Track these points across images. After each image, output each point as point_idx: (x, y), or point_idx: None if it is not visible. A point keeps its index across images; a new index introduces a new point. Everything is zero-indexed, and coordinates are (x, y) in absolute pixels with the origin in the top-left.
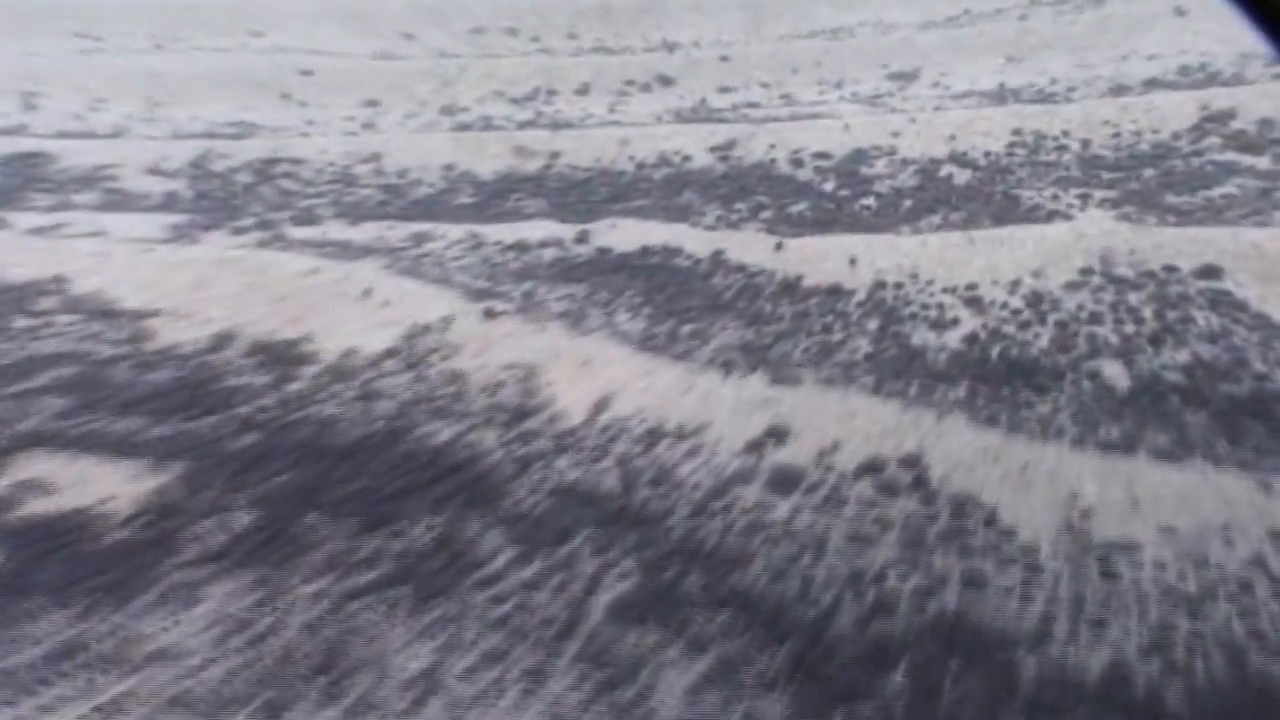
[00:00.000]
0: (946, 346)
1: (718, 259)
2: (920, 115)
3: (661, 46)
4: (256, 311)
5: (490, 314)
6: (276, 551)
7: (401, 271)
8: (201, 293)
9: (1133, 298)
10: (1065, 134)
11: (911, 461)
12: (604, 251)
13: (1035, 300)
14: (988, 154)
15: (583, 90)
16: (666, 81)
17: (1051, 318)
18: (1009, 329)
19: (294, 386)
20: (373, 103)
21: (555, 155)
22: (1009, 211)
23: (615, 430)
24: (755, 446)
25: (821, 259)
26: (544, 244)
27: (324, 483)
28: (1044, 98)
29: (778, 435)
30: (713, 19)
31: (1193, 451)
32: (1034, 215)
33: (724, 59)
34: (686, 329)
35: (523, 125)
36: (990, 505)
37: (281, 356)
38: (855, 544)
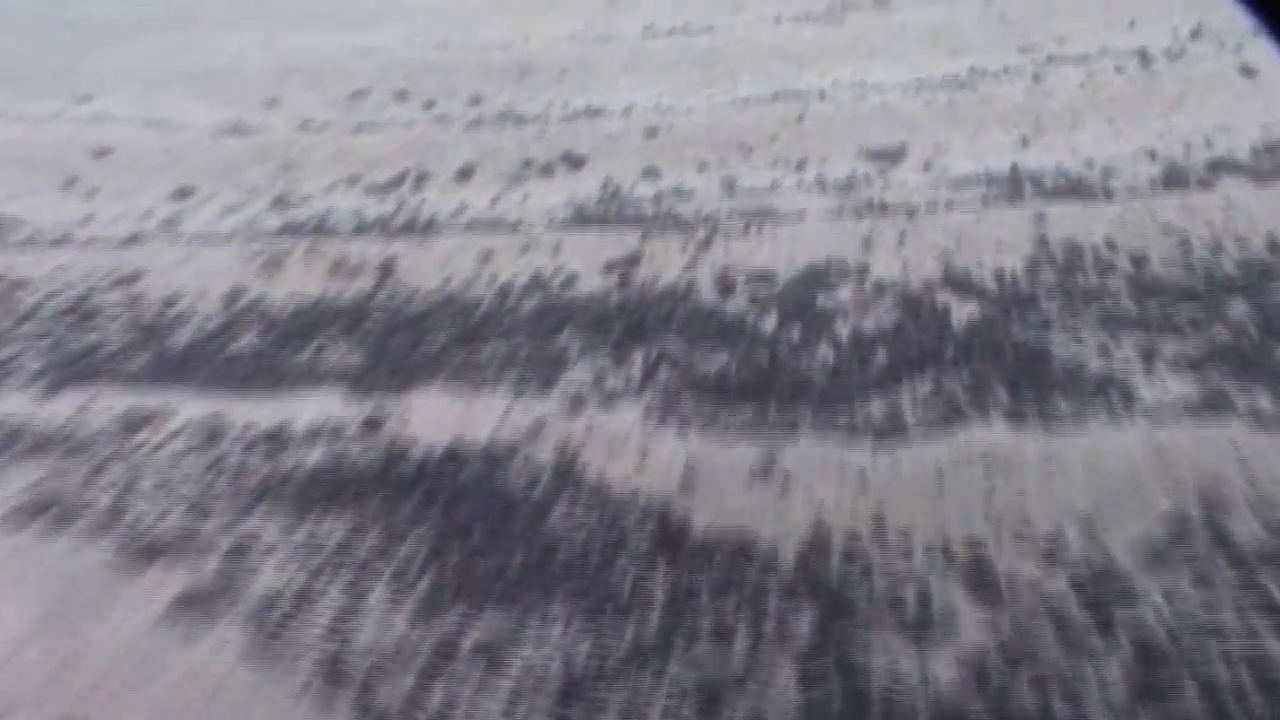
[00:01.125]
0: (931, 687)
1: (569, 471)
2: (905, 211)
3: (583, 114)
4: None
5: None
6: None
7: (38, 508)
8: None
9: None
10: (1110, 244)
11: None
12: (397, 452)
13: (1091, 587)
14: (1001, 275)
15: (465, 174)
16: (575, 162)
17: (1124, 631)
18: (1047, 648)
19: None
20: (185, 192)
21: (388, 275)
22: (1035, 376)
23: None
24: None
25: (734, 482)
26: (312, 436)
27: None
28: (1074, 188)
29: None
30: (652, 79)
31: None
32: (1075, 385)
33: (652, 132)
34: (470, 640)
35: (368, 226)
36: None
37: None
38: None
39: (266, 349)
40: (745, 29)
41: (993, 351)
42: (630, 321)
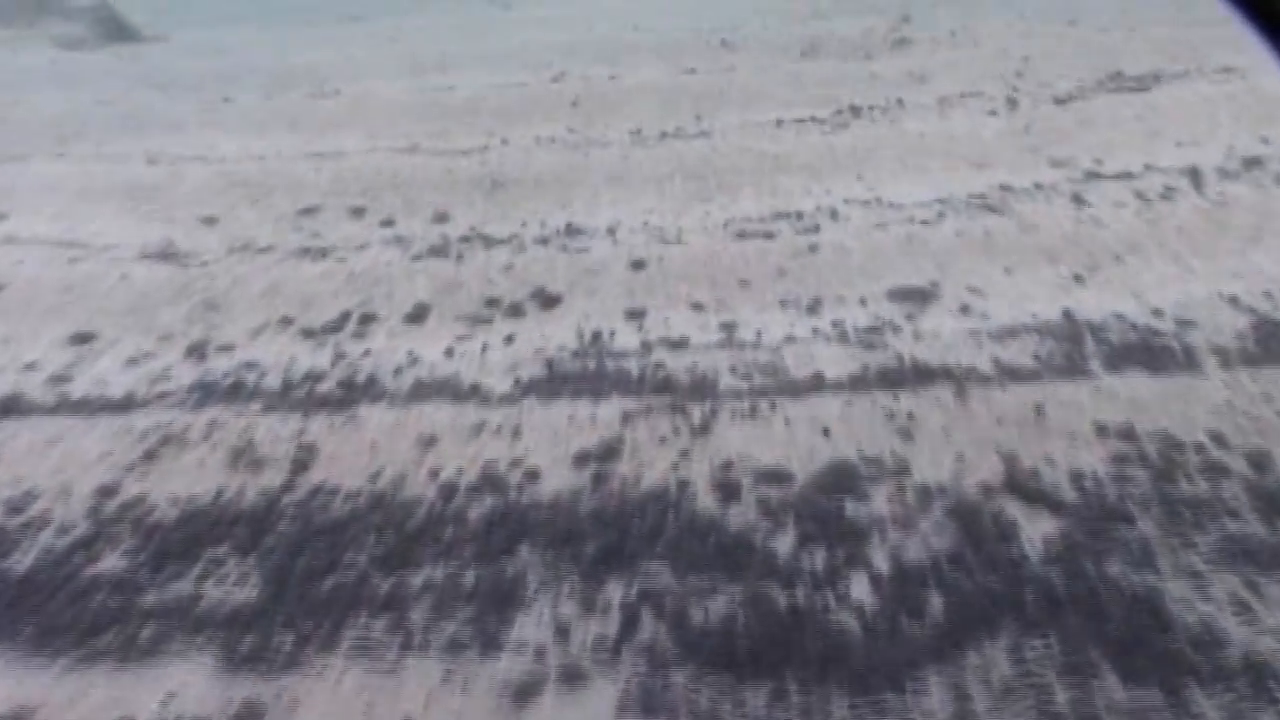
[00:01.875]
0: None
1: None
2: (947, 379)
3: (562, 234)
4: None
5: None
6: None
7: None
8: None
9: None
10: (1216, 437)
11: None
12: None
13: None
14: (1079, 479)
15: (417, 315)
16: (548, 301)
17: None
18: None
19: None
20: (84, 338)
21: (304, 465)
22: (1152, 649)
23: None
24: None
25: None
26: None
27: None
28: (1147, 346)
29: None
30: (641, 194)
31: None
32: (1212, 667)
33: (639, 265)
34: None
35: (293, 387)
36: None
37: None
38: None
39: (133, 575)
40: (743, 134)
41: (1086, 602)
42: (606, 538)
